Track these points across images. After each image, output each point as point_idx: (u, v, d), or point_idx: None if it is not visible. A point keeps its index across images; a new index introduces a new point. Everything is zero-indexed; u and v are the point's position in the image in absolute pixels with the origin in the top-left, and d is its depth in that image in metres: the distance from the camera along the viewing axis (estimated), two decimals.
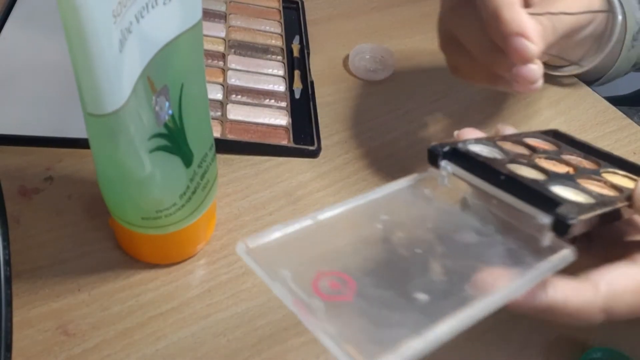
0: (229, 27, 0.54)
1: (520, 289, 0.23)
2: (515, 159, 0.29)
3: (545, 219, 0.24)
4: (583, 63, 0.46)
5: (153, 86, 0.28)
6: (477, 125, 0.49)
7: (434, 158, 0.28)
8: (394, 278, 0.22)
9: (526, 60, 0.32)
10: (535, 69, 0.32)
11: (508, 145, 0.31)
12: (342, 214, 0.24)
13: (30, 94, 0.44)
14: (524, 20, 0.31)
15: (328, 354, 0.34)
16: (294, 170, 0.44)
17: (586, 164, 0.33)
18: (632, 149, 0.50)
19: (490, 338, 0.36)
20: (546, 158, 0.31)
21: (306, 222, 0.23)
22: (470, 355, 0.35)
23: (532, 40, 0.31)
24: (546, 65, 0.39)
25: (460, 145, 0.28)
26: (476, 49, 0.36)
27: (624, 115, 0.53)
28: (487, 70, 0.37)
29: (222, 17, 0.55)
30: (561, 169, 0.30)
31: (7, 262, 0.31)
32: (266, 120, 0.46)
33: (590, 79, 0.52)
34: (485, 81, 0.38)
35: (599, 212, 0.25)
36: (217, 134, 0.44)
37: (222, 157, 0.43)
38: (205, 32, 0.51)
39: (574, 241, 0.25)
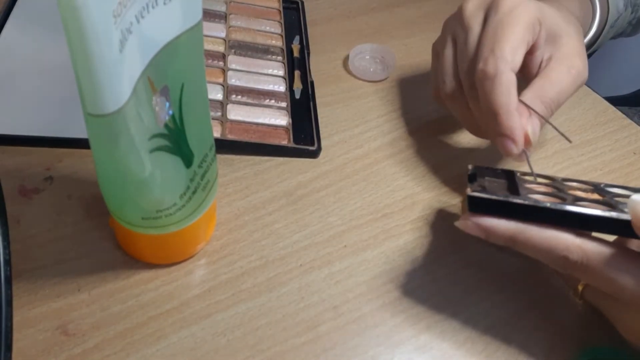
0: (229, 27, 0.54)
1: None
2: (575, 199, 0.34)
3: None
4: None
5: (153, 86, 0.28)
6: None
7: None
8: None
9: (508, 155, 0.38)
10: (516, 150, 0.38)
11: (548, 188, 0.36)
12: None
13: (30, 94, 0.44)
14: (516, 127, 0.37)
15: (328, 353, 0.34)
16: (294, 170, 0.44)
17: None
18: (632, 149, 0.50)
19: (491, 338, 0.36)
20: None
21: None
22: (471, 355, 0.35)
23: (517, 145, 0.37)
24: None
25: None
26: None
27: (624, 115, 0.53)
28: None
29: (222, 17, 0.55)
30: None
31: (7, 262, 0.31)
32: (266, 121, 0.46)
33: None
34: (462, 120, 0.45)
35: None
36: (217, 134, 0.44)
37: (222, 157, 0.43)
38: (205, 32, 0.51)
39: None
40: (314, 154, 0.45)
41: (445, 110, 0.50)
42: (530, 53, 0.40)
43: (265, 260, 0.38)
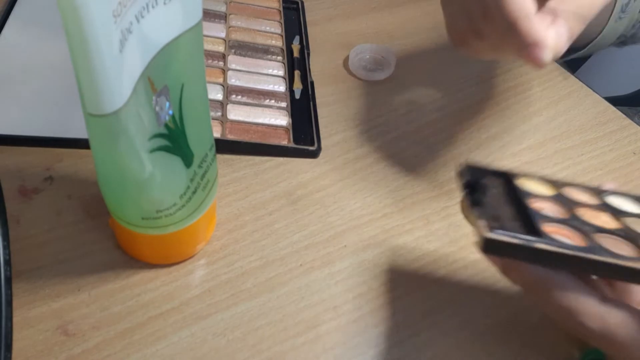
0: (229, 27, 0.54)
1: None
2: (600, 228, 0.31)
3: None
4: None
5: (153, 86, 0.28)
6: (477, 125, 0.49)
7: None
8: None
9: (540, 67, 0.33)
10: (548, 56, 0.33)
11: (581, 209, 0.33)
12: None
13: (30, 94, 0.44)
14: (540, 31, 0.32)
15: (328, 353, 0.34)
16: (294, 170, 0.44)
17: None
18: (632, 149, 0.50)
19: (491, 338, 0.36)
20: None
21: None
22: (471, 355, 0.35)
23: (548, 48, 0.32)
24: None
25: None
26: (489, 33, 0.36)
27: (624, 115, 0.53)
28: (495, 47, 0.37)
29: (222, 17, 0.55)
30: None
31: (7, 262, 0.31)
32: (266, 121, 0.46)
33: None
34: (492, 56, 0.39)
35: None
36: (217, 134, 0.44)
37: (222, 158, 0.43)
38: (205, 32, 0.51)
39: None
40: (314, 154, 0.45)
41: (446, 110, 0.51)
42: None
43: (265, 260, 0.38)
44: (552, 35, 0.32)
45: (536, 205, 0.32)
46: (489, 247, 0.29)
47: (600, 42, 0.51)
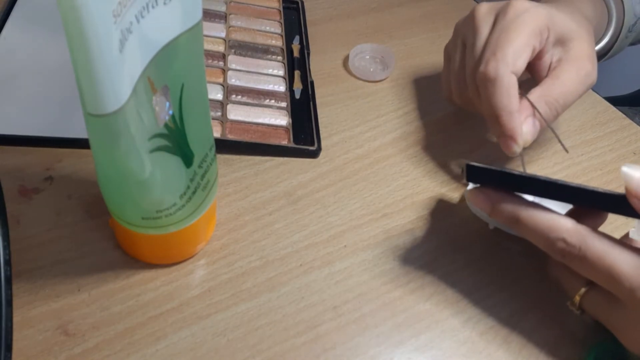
0: (229, 27, 0.54)
1: None
2: None
3: None
4: None
5: (153, 86, 0.28)
6: (477, 125, 0.49)
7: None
8: None
9: (510, 155, 0.39)
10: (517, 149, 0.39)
11: None
12: None
13: (30, 94, 0.44)
14: (516, 128, 0.38)
15: (328, 353, 0.34)
16: (294, 170, 0.44)
17: None
18: (632, 149, 0.50)
19: (491, 337, 0.36)
20: None
21: None
22: (471, 354, 0.35)
23: (518, 144, 0.39)
24: None
25: None
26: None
27: (624, 116, 0.53)
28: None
29: (222, 17, 0.55)
30: None
31: (7, 262, 0.31)
32: (266, 121, 0.46)
33: None
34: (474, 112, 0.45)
35: None
36: (217, 134, 0.44)
37: (222, 157, 0.43)
38: (205, 32, 0.51)
39: None
40: (314, 154, 0.45)
41: (446, 110, 0.51)
42: (538, 58, 0.41)
43: (265, 260, 0.38)
44: (525, 131, 0.39)
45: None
46: (471, 174, 0.35)
47: (608, 59, 0.53)
